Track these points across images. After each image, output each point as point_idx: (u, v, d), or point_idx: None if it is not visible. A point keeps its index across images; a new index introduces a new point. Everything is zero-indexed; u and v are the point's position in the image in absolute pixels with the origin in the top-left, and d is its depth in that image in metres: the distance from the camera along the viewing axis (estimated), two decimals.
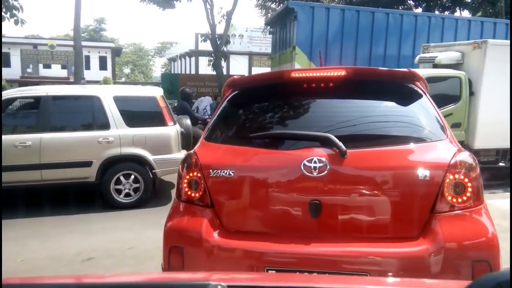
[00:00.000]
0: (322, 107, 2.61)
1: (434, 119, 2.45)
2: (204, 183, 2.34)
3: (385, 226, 2.20)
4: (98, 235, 4.93)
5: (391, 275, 2.05)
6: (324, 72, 2.57)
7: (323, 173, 2.17)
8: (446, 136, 2.35)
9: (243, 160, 2.38)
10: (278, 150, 2.37)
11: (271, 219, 2.33)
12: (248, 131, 2.58)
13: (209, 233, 2.26)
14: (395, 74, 2.70)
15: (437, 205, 2.14)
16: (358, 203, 2.22)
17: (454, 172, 2.14)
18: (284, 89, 2.67)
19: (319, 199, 2.19)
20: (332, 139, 2.20)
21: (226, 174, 2.30)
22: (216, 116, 2.70)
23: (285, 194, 2.28)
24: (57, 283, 1.14)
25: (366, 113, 2.50)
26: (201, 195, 2.35)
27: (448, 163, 2.15)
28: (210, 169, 2.33)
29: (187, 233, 2.31)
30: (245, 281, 1.25)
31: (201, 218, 2.32)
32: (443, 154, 2.22)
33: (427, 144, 2.31)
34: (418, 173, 2.14)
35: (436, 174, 2.14)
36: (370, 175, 2.22)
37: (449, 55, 7.85)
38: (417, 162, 2.21)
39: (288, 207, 2.28)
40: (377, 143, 2.31)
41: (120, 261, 4.16)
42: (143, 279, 1.28)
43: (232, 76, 2.94)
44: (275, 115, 2.67)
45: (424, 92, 2.58)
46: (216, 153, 2.45)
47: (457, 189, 2.14)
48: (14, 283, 1.06)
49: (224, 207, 2.36)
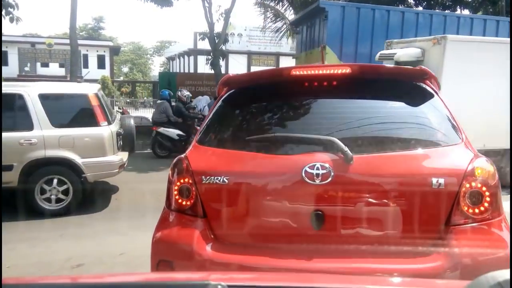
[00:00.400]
0: (326, 108, 2.41)
1: (448, 121, 2.27)
2: (195, 191, 2.15)
3: (395, 240, 2.02)
4: (89, 240, 4.76)
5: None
6: (327, 69, 2.38)
7: (327, 181, 1.99)
8: (461, 139, 2.17)
9: (239, 166, 2.19)
10: (277, 155, 2.19)
11: (269, 231, 2.16)
12: (245, 133, 2.41)
13: (201, 246, 2.08)
14: (405, 72, 2.50)
15: (453, 217, 1.97)
16: (365, 214, 2.05)
17: (471, 180, 1.96)
18: (284, 88, 2.49)
19: (322, 209, 2.02)
20: (336, 143, 2.03)
21: (220, 181, 2.11)
22: (210, 117, 2.50)
23: (284, 203, 2.10)
24: (57, 283, 1.13)
25: (373, 114, 2.30)
26: (192, 204, 2.17)
27: (464, 170, 1.97)
28: (202, 175, 2.14)
29: (177, 245, 2.13)
30: (245, 281, 1.22)
31: (192, 229, 2.14)
32: (459, 160, 2.04)
33: (441, 149, 2.13)
34: (432, 181, 1.96)
35: (452, 182, 1.97)
36: (378, 183, 2.04)
37: (409, 51, 7.38)
38: (430, 169, 2.03)
39: (287, 218, 2.11)
40: (386, 147, 2.14)
41: (110, 268, 3.99)
42: (143, 279, 1.26)
43: (228, 74, 2.73)
44: (274, 117, 2.48)
45: (436, 92, 2.39)
46: (210, 157, 2.28)
47: (474, 199, 1.96)
48: (14, 283, 1.04)
49: (217, 218, 2.17)
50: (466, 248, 1.92)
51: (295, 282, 1.17)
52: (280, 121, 2.45)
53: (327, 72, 2.36)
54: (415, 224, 2.02)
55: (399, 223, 2.01)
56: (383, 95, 2.39)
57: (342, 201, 2.05)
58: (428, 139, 2.19)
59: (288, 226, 2.10)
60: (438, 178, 1.96)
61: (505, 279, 0.75)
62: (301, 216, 2.06)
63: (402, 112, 2.35)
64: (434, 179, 1.96)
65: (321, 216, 2.01)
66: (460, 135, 2.20)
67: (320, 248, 2.03)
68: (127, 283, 1.13)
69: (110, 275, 2.18)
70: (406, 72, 2.50)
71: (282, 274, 1.82)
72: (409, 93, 2.38)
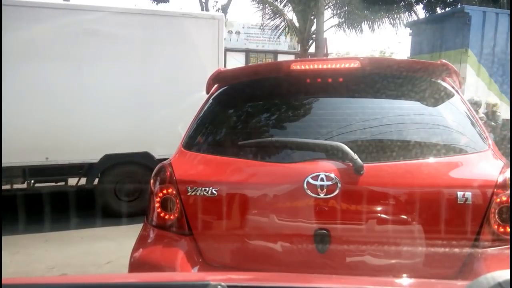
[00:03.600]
0: (331, 109, 2.11)
1: (472, 124, 1.98)
2: (180, 204, 1.87)
3: (413, 264, 1.74)
4: (74, 246, 4.49)
5: None
6: (333, 63, 2.07)
7: (332, 194, 1.71)
8: (488, 146, 1.89)
9: (230, 175, 1.92)
10: (274, 163, 1.90)
11: (264, 253, 1.86)
12: (237, 137, 2.11)
13: (185, 269, 1.80)
14: (422, 67, 2.14)
15: (481, 237, 1.68)
16: (378, 234, 1.75)
17: (502, 194, 1.67)
18: (283, 85, 2.18)
19: (327, 228, 1.73)
20: (344, 149, 1.74)
21: (208, 192, 1.84)
22: (198, 119, 2.20)
23: (283, 220, 1.81)
24: (57, 283, 1.14)
25: (386, 116, 2.00)
26: (176, 218, 1.89)
27: (495, 182, 1.70)
28: (188, 186, 1.87)
29: (158, 268, 1.83)
30: (245, 281, 1.20)
31: (176, 249, 1.87)
32: (488, 170, 1.77)
33: (465, 157, 1.85)
34: (457, 195, 1.68)
35: (480, 196, 1.69)
36: (393, 197, 1.75)
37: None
38: (455, 181, 1.75)
39: (286, 238, 1.80)
40: (402, 155, 1.83)
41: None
42: (143, 279, 1.25)
43: (218, 69, 2.38)
44: (272, 118, 2.19)
45: (457, 91, 2.09)
46: (197, 165, 2.01)
47: (506, 216, 1.67)
48: (14, 283, 1.05)
49: (205, 235, 1.89)
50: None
51: (295, 283, 1.15)
52: (278, 124, 2.16)
53: (332, 66, 2.06)
54: (438, 246, 1.73)
55: (418, 244, 1.73)
56: (397, 94, 2.08)
57: (350, 219, 1.76)
58: (451, 146, 1.90)
59: (288, 247, 1.81)
60: (465, 192, 1.68)
61: (505, 280, 0.74)
62: (303, 236, 1.77)
63: (420, 113, 2.04)
64: (459, 192, 1.68)
65: (326, 236, 1.73)
66: (486, 140, 1.92)
67: (325, 275, 1.72)
68: (127, 283, 1.12)
69: (110, 276, 2.13)
70: (425, 66, 2.16)
71: (281, 274, 1.62)
72: (428, 91, 2.06)
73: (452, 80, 2.13)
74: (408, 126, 2.00)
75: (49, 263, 4.01)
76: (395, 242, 1.74)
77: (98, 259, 4.07)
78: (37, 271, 3.84)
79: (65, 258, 4.12)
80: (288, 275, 1.57)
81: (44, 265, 3.96)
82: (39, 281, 1.22)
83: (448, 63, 2.11)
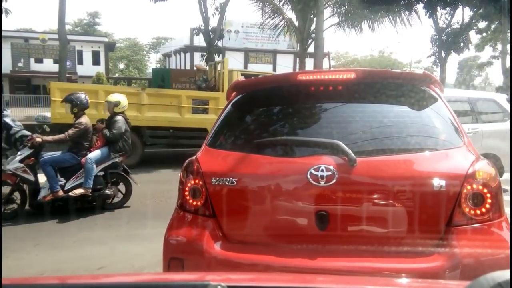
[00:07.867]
0: (331, 112, 2.47)
1: (450, 124, 2.33)
2: (205, 192, 2.25)
3: (397, 240, 2.07)
4: (66, 251, 4.35)
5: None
6: (333, 74, 2.45)
7: (331, 183, 2.05)
8: (463, 143, 2.22)
9: (247, 168, 2.26)
10: (284, 158, 2.28)
11: (275, 231, 2.23)
12: (252, 137, 2.49)
13: (210, 245, 2.17)
14: (409, 77, 2.58)
15: (454, 218, 2.01)
16: (368, 215, 2.09)
17: (472, 182, 2.01)
18: (290, 93, 2.55)
19: (326, 209, 2.08)
20: (340, 146, 2.09)
21: (228, 182, 2.21)
22: (220, 121, 2.59)
23: (290, 204, 2.18)
24: (57, 283, 1.15)
25: (377, 118, 2.35)
26: (202, 204, 2.26)
27: (465, 172, 2.02)
28: (212, 177, 2.24)
29: (188, 244, 2.23)
30: (245, 281, 1.23)
31: (202, 229, 2.23)
32: (460, 163, 2.10)
33: (442, 152, 2.18)
34: (433, 183, 2.00)
35: (453, 184, 2.01)
36: (381, 185, 2.09)
37: None
38: (432, 172, 2.05)
39: (293, 218, 2.19)
40: (389, 150, 2.19)
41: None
42: (143, 280, 1.27)
43: (237, 79, 2.84)
44: (281, 120, 2.59)
45: (439, 96, 2.43)
46: (219, 160, 2.36)
47: (476, 200, 2.00)
48: (14, 283, 1.06)
49: (226, 217, 2.25)
50: (467, 248, 1.95)
51: (295, 283, 1.17)
52: (287, 125, 2.54)
53: (333, 77, 2.42)
54: (417, 225, 2.06)
55: (401, 224, 2.06)
56: (387, 100, 2.43)
57: (345, 202, 2.11)
58: (431, 143, 2.24)
59: (294, 226, 2.18)
60: (440, 180, 2.00)
61: (505, 280, 0.76)
62: (306, 216, 2.13)
63: (406, 116, 2.39)
64: (436, 181, 2.00)
65: (325, 216, 2.07)
66: (462, 138, 2.24)
67: (325, 248, 2.08)
68: (127, 283, 1.14)
69: (110, 276, 2.21)
70: (411, 76, 2.59)
71: (281, 274, 1.83)
72: (413, 97, 2.43)
73: (435, 86, 2.47)
74: (395, 126, 2.32)
75: (39, 268, 3.87)
76: (382, 221, 2.10)
77: (90, 264, 3.94)
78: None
79: (56, 264, 3.99)
80: (288, 275, 1.69)
81: (34, 271, 3.82)
82: (39, 281, 1.25)
83: (429, 73, 2.48)
